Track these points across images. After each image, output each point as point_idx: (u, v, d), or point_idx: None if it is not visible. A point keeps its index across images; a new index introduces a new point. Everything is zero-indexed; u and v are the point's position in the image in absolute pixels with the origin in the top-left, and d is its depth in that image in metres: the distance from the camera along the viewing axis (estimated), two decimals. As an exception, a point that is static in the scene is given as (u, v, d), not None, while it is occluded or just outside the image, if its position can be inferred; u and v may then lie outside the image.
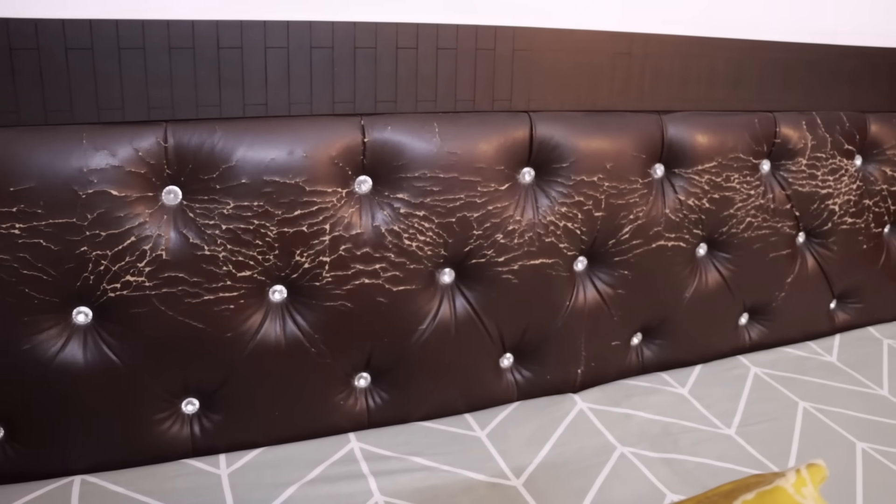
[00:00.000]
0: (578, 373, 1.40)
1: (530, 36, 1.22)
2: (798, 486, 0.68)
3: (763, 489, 0.67)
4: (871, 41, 1.67)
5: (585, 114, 1.29)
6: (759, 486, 0.68)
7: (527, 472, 1.16)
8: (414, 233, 1.18)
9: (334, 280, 1.16)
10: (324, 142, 1.11)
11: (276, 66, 1.08)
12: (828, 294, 1.70)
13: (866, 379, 1.53)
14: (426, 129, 1.17)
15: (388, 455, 1.19)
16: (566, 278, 1.33)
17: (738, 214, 1.47)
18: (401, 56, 1.15)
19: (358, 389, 1.26)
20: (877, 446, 1.29)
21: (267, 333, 1.15)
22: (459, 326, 1.27)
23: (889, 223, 1.73)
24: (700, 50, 1.37)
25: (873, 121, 1.61)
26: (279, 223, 1.11)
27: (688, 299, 1.47)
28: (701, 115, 1.40)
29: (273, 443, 1.20)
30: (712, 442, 1.27)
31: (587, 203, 1.29)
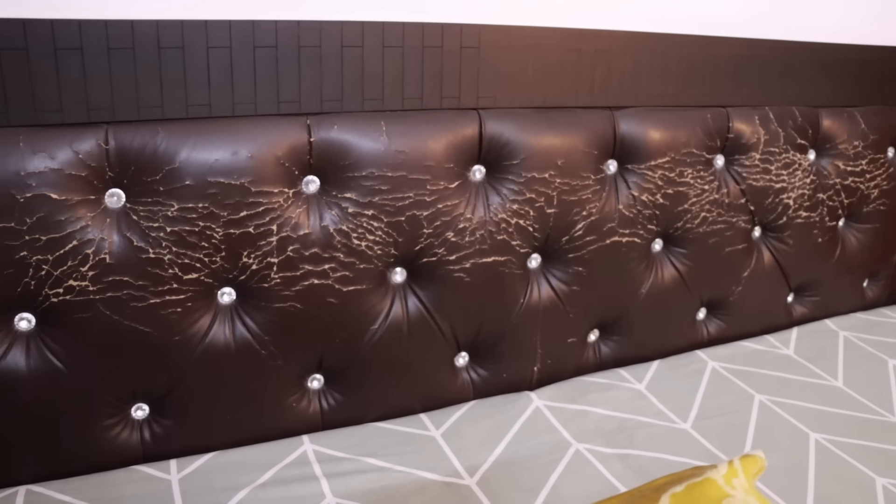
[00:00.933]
0: (535, 370, 1.40)
1: (478, 33, 1.21)
2: (728, 478, 0.68)
3: (693, 481, 0.67)
4: (822, 37, 1.68)
5: (536, 110, 1.29)
6: (691, 479, 0.68)
7: (481, 470, 1.16)
8: (363, 232, 1.17)
9: (283, 281, 1.15)
10: (269, 142, 1.10)
11: (218, 65, 1.07)
12: (784, 288, 1.71)
13: (822, 371, 1.54)
14: (373, 127, 1.16)
15: (342, 456, 1.18)
16: (520, 276, 1.33)
17: (693, 209, 1.47)
18: (346, 54, 1.14)
19: (311, 391, 1.25)
20: (830, 437, 1.30)
21: (216, 336, 1.14)
22: (412, 326, 1.26)
23: (843, 216, 1.74)
24: (651, 46, 1.37)
25: (825, 115, 1.62)
26: (225, 224, 1.09)
27: (644, 295, 1.48)
28: (653, 110, 1.40)
29: (225, 446, 1.19)
30: (668, 437, 1.28)
31: (539, 200, 1.29)
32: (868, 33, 1.75)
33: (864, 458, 1.24)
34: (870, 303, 1.89)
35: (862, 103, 1.69)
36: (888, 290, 1.92)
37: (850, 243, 1.77)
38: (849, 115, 1.66)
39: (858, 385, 1.49)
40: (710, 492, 0.65)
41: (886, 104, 1.73)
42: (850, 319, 1.81)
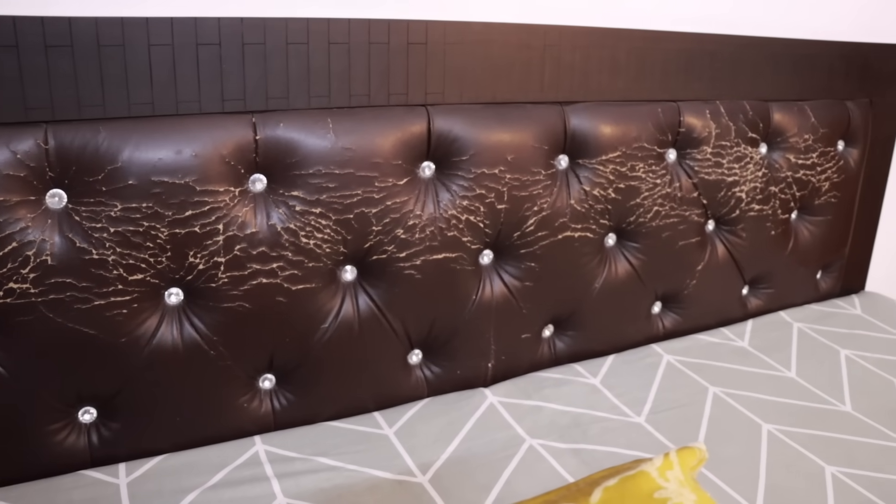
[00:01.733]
0: (489, 367, 1.40)
1: (425, 29, 1.21)
2: (663, 470, 0.68)
3: (627, 474, 0.67)
4: (772, 31, 1.70)
5: (485, 106, 1.29)
6: (626, 472, 0.68)
7: (433, 468, 1.15)
8: (311, 230, 1.17)
9: (231, 281, 1.13)
10: (214, 140, 1.09)
11: (160, 63, 1.05)
12: (739, 280, 1.72)
13: (776, 362, 1.55)
14: (320, 125, 1.15)
15: (294, 456, 1.17)
16: (471, 272, 1.33)
17: (645, 204, 1.48)
18: (291, 51, 1.13)
19: (262, 391, 1.24)
20: (782, 427, 1.31)
21: (164, 337, 1.12)
22: (363, 324, 1.25)
23: (795, 209, 1.76)
24: (601, 41, 1.38)
25: (776, 109, 1.64)
26: (170, 224, 1.08)
27: (598, 290, 1.48)
28: (604, 105, 1.40)
29: (176, 449, 1.18)
30: (622, 430, 1.28)
31: (489, 196, 1.29)
32: (817, 29, 1.77)
33: (815, 448, 1.26)
34: (823, 294, 1.92)
35: (812, 97, 1.70)
36: (841, 281, 1.94)
37: (802, 235, 1.79)
38: (799, 108, 1.67)
39: (811, 375, 1.50)
40: (643, 484, 0.65)
41: (835, 98, 1.74)
42: (804, 311, 1.83)
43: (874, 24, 1.87)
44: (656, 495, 0.63)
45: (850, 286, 1.98)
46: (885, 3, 1.88)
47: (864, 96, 1.79)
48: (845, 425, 1.33)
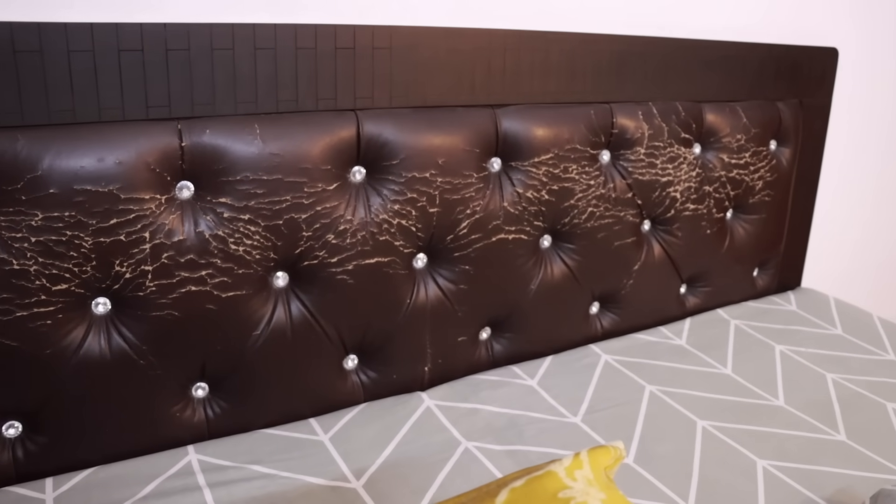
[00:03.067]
0: (426, 370, 1.40)
1: (353, 34, 1.20)
2: (571, 470, 0.68)
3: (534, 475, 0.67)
4: (703, 34, 1.72)
5: (415, 110, 1.29)
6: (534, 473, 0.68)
7: (368, 473, 1.15)
8: (240, 237, 1.16)
9: (159, 289, 1.12)
10: (138, 148, 1.08)
11: (81, 70, 1.04)
12: (676, 279, 1.74)
13: (712, 359, 1.57)
14: (247, 130, 1.14)
15: (227, 465, 1.16)
16: (405, 276, 1.32)
17: (580, 205, 1.49)
18: (217, 57, 1.12)
19: (196, 400, 1.22)
20: (716, 423, 1.33)
21: (91, 348, 1.11)
22: (297, 330, 1.24)
23: (730, 208, 1.79)
24: (532, 44, 1.38)
25: (709, 110, 1.66)
26: (94, 233, 1.06)
27: (534, 291, 1.49)
28: (536, 107, 1.41)
29: (106, 461, 1.16)
30: (558, 431, 1.29)
31: (421, 199, 1.29)
32: (748, 32, 1.80)
33: (748, 442, 1.27)
34: (760, 291, 1.95)
35: (743, 98, 1.73)
36: (777, 278, 1.97)
37: (738, 234, 1.81)
38: (731, 109, 1.70)
39: (746, 371, 1.53)
40: (549, 484, 0.65)
41: (766, 99, 1.77)
42: (742, 308, 1.86)
43: (802, 26, 1.91)
44: (561, 495, 0.63)
45: (787, 283, 2.02)
46: (814, 7, 1.92)
47: (794, 97, 1.83)
48: (778, 419, 1.36)
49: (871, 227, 2.37)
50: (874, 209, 2.35)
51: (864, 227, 2.35)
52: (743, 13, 1.79)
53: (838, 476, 1.20)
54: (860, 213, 2.32)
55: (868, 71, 2.12)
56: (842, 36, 2.02)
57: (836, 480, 1.19)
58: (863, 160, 2.24)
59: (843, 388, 1.48)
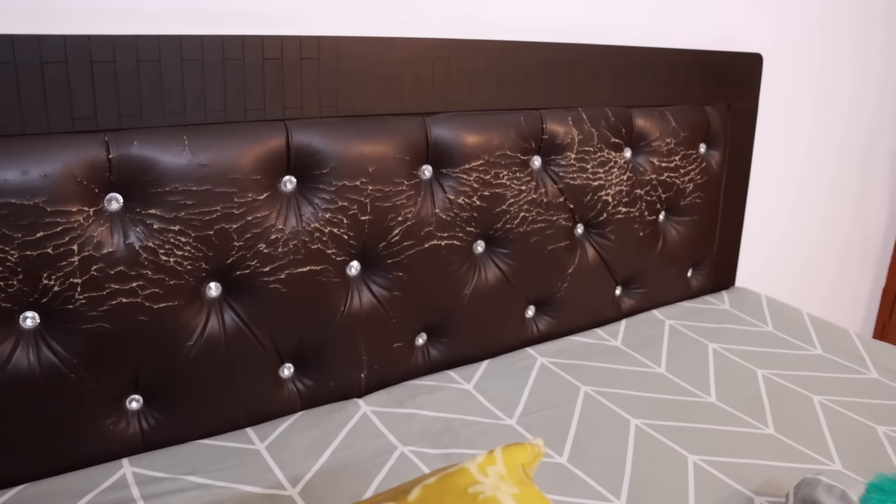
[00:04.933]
0: (362, 377, 1.41)
1: (280, 44, 1.21)
2: (483, 466, 0.70)
3: (447, 472, 0.69)
4: (631, 41, 1.76)
5: (344, 119, 1.30)
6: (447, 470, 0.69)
7: (304, 480, 1.16)
8: (170, 248, 1.16)
9: (88, 301, 1.12)
10: (64, 160, 1.07)
11: (2, 82, 1.03)
12: (611, 281, 1.77)
13: (646, 359, 1.60)
14: (175, 142, 1.14)
15: (162, 477, 1.15)
16: (338, 284, 1.33)
17: (512, 210, 1.51)
18: (143, 69, 1.12)
19: (130, 412, 1.22)
20: (649, 421, 1.36)
21: (19, 363, 1.10)
22: (230, 340, 1.25)
23: (662, 210, 1.83)
24: (460, 52, 1.40)
25: (638, 115, 1.70)
26: (20, 246, 1.06)
27: (468, 296, 1.51)
28: (465, 115, 1.43)
29: (37, 477, 1.15)
30: (492, 433, 1.30)
31: (352, 207, 1.30)
32: (675, 38, 1.85)
33: (679, 439, 1.30)
34: (695, 291, 1.99)
35: (672, 103, 1.77)
36: (711, 278, 2.02)
37: (671, 236, 1.85)
38: (660, 114, 1.74)
39: (679, 370, 1.56)
40: (461, 480, 0.67)
41: (695, 103, 1.82)
42: (676, 308, 1.90)
43: (728, 33, 1.96)
44: (471, 490, 0.65)
45: (721, 283, 2.07)
46: (739, 14, 1.97)
47: (721, 101, 1.87)
48: (709, 415, 1.39)
49: (800, 226, 2.44)
50: (803, 207, 2.42)
51: (795, 225, 2.42)
52: (670, 20, 1.83)
53: (765, 468, 1.23)
54: (790, 212, 2.38)
55: (791, 75, 2.19)
56: (766, 42, 2.08)
57: (764, 472, 1.22)
58: (789, 160, 2.30)
59: (772, 384, 1.52)
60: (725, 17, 1.94)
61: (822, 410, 1.42)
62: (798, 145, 2.31)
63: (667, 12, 1.81)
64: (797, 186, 2.37)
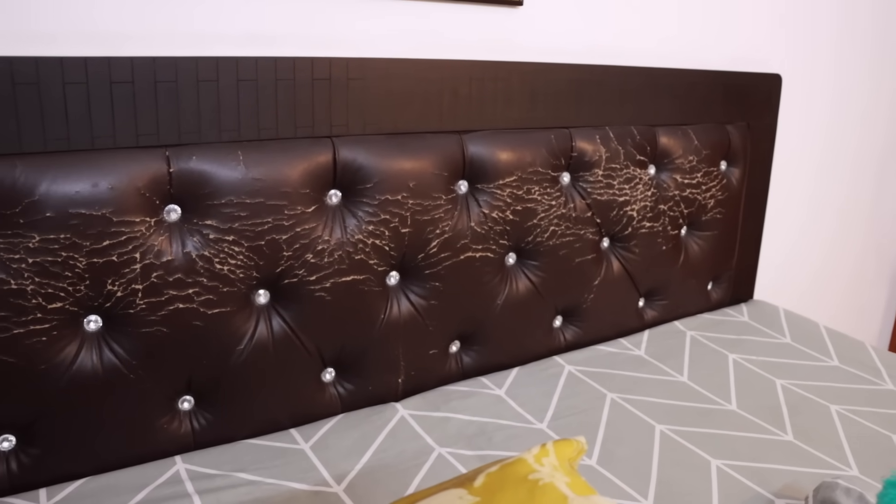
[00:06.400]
0: (399, 382, 1.47)
1: (329, 66, 1.29)
2: (539, 457, 0.76)
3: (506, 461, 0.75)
4: (656, 62, 1.83)
5: (387, 136, 1.37)
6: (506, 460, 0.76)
7: (347, 478, 1.22)
8: (225, 257, 1.23)
9: (148, 307, 1.19)
10: (129, 173, 1.14)
11: (75, 101, 1.10)
12: (635, 293, 1.83)
13: (669, 368, 1.66)
14: (231, 157, 1.21)
15: (214, 473, 1.22)
16: (379, 293, 1.40)
17: (542, 224, 1.58)
18: (202, 88, 1.19)
19: (182, 412, 1.28)
20: (673, 427, 1.41)
21: (83, 363, 1.17)
22: (277, 345, 1.31)
23: (684, 225, 1.89)
24: (495, 73, 1.47)
25: (662, 133, 1.76)
26: (88, 254, 1.13)
27: (500, 306, 1.57)
28: (499, 133, 1.50)
29: (97, 472, 1.21)
30: (525, 437, 1.36)
31: (393, 220, 1.37)
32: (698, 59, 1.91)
33: (703, 444, 1.36)
34: (714, 304, 2.05)
35: (694, 122, 1.84)
36: (730, 291, 2.08)
37: (692, 250, 1.92)
38: (683, 132, 1.80)
39: (701, 379, 1.62)
40: (520, 469, 0.74)
41: (716, 122, 1.88)
42: (697, 320, 1.96)
43: (749, 54, 2.03)
44: (530, 477, 0.72)
45: (739, 295, 2.12)
46: (759, 35, 2.04)
47: (742, 120, 1.94)
48: (730, 422, 1.45)
49: (816, 240, 2.50)
50: (819, 223, 2.48)
51: (811, 240, 2.47)
52: (693, 43, 1.90)
53: (785, 472, 1.29)
54: (807, 228, 2.44)
55: (807, 94, 2.25)
56: (786, 63, 2.14)
57: (783, 476, 1.28)
58: (806, 177, 2.36)
59: (791, 393, 1.57)
60: (746, 38, 2.01)
61: (840, 419, 1.48)
62: (814, 162, 2.37)
63: (690, 35, 1.88)
64: (813, 202, 2.43)
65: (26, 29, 1.12)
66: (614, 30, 1.74)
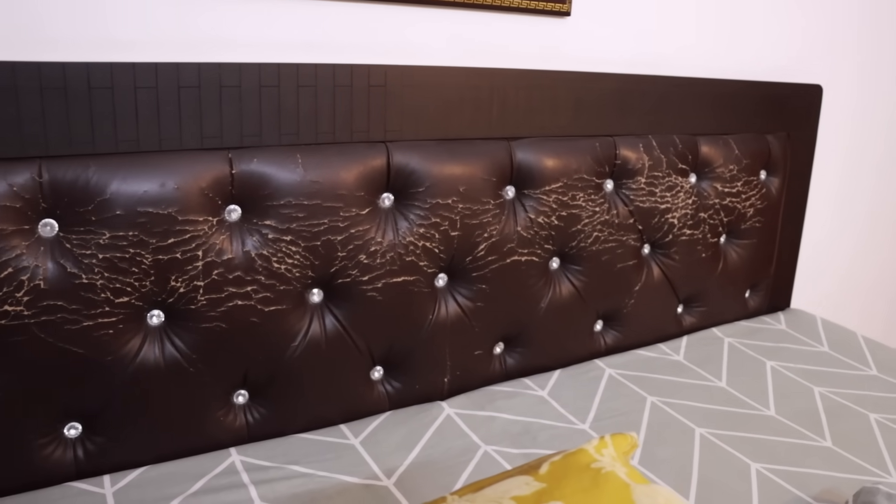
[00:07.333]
0: (445, 381, 1.51)
1: (385, 73, 1.33)
2: (599, 448, 0.80)
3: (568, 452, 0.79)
4: (698, 73, 1.86)
5: (439, 142, 1.41)
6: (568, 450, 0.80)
7: (397, 472, 1.26)
8: (282, 256, 1.27)
9: (209, 303, 1.23)
10: (194, 174, 1.19)
11: (145, 104, 1.16)
12: (674, 299, 1.86)
13: (708, 374, 1.69)
14: (290, 159, 1.26)
15: (268, 465, 1.26)
16: (428, 294, 1.44)
17: (586, 230, 1.61)
18: (264, 93, 1.24)
19: (237, 406, 1.33)
20: (713, 430, 1.44)
21: (146, 356, 1.21)
22: (330, 342, 1.36)
23: (724, 233, 1.91)
24: (543, 82, 1.51)
25: (703, 143, 1.79)
26: (154, 251, 1.18)
27: (544, 309, 1.60)
28: (546, 140, 1.54)
29: (156, 461, 1.26)
30: (568, 436, 1.40)
31: (443, 224, 1.41)
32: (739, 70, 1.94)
33: (742, 447, 1.39)
34: (752, 311, 2.07)
35: (735, 131, 1.86)
36: (768, 299, 2.10)
37: (731, 257, 1.94)
38: (724, 141, 1.83)
39: (739, 384, 1.64)
40: (582, 459, 0.77)
41: (757, 132, 1.91)
42: (734, 327, 1.98)
43: (790, 65, 2.05)
44: (593, 465, 0.75)
45: (777, 304, 2.14)
46: (799, 47, 2.06)
47: (782, 130, 1.96)
48: (769, 427, 1.47)
49: (854, 251, 2.51)
50: (857, 234, 2.49)
51: (849, 250, 2.48)
52: (735, 53, 1.93)
53: (825, 478, 1.31)
54: (845, 238, 2.45)
55: (848, 105, 2.27)
56: (826, 74, 2.16)
57: (823, 481, 1.30)
58: (845, 188, 2.38)
59: (829, 400, 1.59)
60: (787, 49, 2.04)
61: (878, 427, 1.49)
62: (853, 172, 2.38)
63: (732, 46, 1.91)
64: (854, 212, 2.44)
65: (103, 36, 1.18)
66: (658, 40, 1.77)
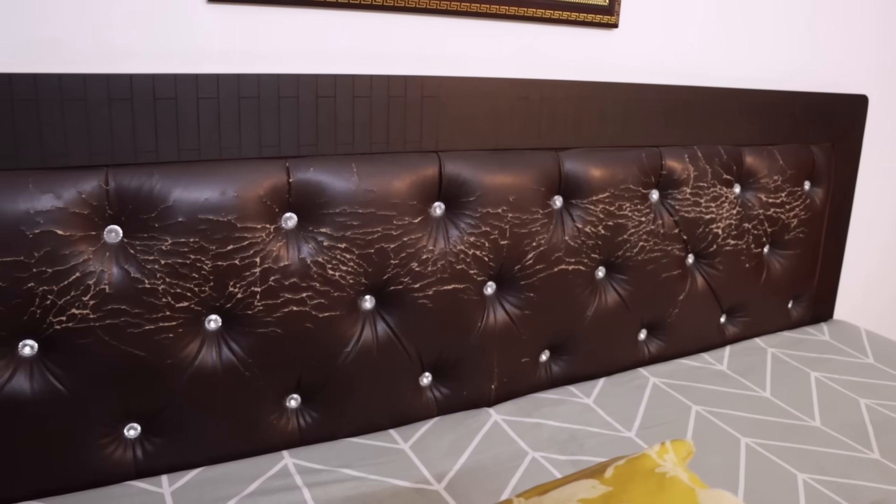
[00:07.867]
0: (492, 388, 1.53)
1: (438, 84, 1.36)
2: (661, 454, 0.82)
3: (632, 456, 0.81)
4: (743, 84, 1.87)
5: (489, 152, 1.43)
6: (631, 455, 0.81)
7: (447, 477, 1.28)
8: (337, 263, 1.30)
9: (265, 308, 1.26)
10: (252, 182, 1.22)
11: (207, 114, 1.19)
12: (717, 309, 1.86)
13: (752, 384, 1.69)
14: (345, 169, 1.29)
15: (321, 468, 1.28)
16: (477, 301, 1.46)
17: (632, 239, 1.62)
18: (321, 104, 1.27)
19: (290, 410, 1.36)
20: (758, 440, 1.44)
21: (204, 359, 1.24)
22: (381, 348, 1.38)
23: (767, 244, 1.92)
24: (591, 93, 1.53)
25: (748, 153, 1.80)
26: (213, 257, 1.21)
27: (590, 318, 1.62)
28: (594, 150, 1.55)
29: (211, 462, 1.29)
30: (615, 444, 1.41)
31: (493, 233, 1.43)
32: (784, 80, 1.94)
33: (788, 458, 1.39)
34: (795, 322, 2.07)
35: (779, 142, 1.87)
36: (811, 310, 2.09)
37: (774, 268, 1.94)
38: (768, 152, 1.83)
39: (784, 395, 1.64)
40: (646, 463, 0.79)
41: (801, 143, 1.91)
42: (778, 337, 1.98)
43: (834, 76, 2.05)
44: (657, 470, 0.77)
45: (820, 315, 2.14)
46: (843, 57, 2.06)
47: (826, 141, 1.96)
48: (815, 438, 1.47)
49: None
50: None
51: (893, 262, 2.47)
52: (779, 64, 1.93)
53: (874, 490, 1.31)
54: (889, 250, 2.44)
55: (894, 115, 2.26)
56: (871, 84, 2.15)
57: (871, 493, 1.30)
58: (890, 199, 2.36)
59: (875, 412, 1.59)
60: (833, 60, 2.03)
61: (927, 440, 1.49)
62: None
63: (778, 56, 1.92)
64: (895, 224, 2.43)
65: (166, 48, 1.21)
66: (704, 52, 1.78)
